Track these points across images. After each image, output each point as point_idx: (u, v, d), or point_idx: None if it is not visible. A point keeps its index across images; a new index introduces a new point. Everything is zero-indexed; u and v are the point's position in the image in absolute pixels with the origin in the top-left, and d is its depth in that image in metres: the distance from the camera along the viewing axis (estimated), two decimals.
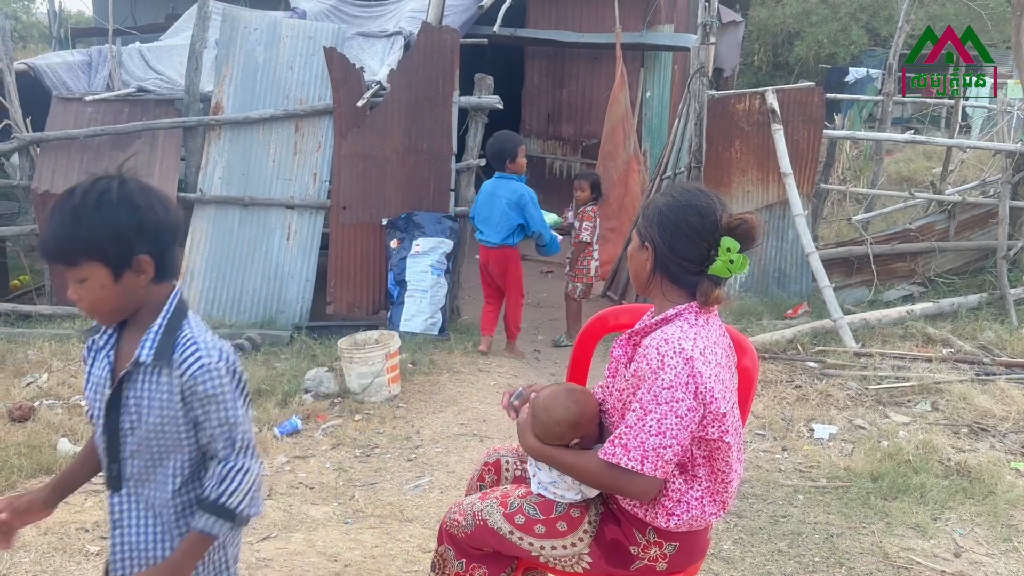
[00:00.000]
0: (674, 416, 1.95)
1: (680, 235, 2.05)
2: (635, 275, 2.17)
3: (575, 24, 9.67)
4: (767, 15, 19.85)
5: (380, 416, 4.72)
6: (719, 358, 2.05)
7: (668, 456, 1.97)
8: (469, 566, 2.31)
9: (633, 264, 2.16)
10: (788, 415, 4.76)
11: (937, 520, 3.58)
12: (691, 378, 1.95)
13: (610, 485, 2.08)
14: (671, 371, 1.95)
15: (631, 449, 1.97)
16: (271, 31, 6.35)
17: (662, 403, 1.95)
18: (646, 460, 1.96)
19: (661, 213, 2.08)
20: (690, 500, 2.09)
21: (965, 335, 6.02)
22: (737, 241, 2.01)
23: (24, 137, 6.32)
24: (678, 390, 1.94)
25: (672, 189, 2.17)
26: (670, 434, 1.95)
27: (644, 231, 2.11)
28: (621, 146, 8.52)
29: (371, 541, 3.35)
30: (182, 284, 6.13)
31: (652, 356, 1.98)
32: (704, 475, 2.09)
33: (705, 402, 1.97)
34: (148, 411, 1.73)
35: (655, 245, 2.07)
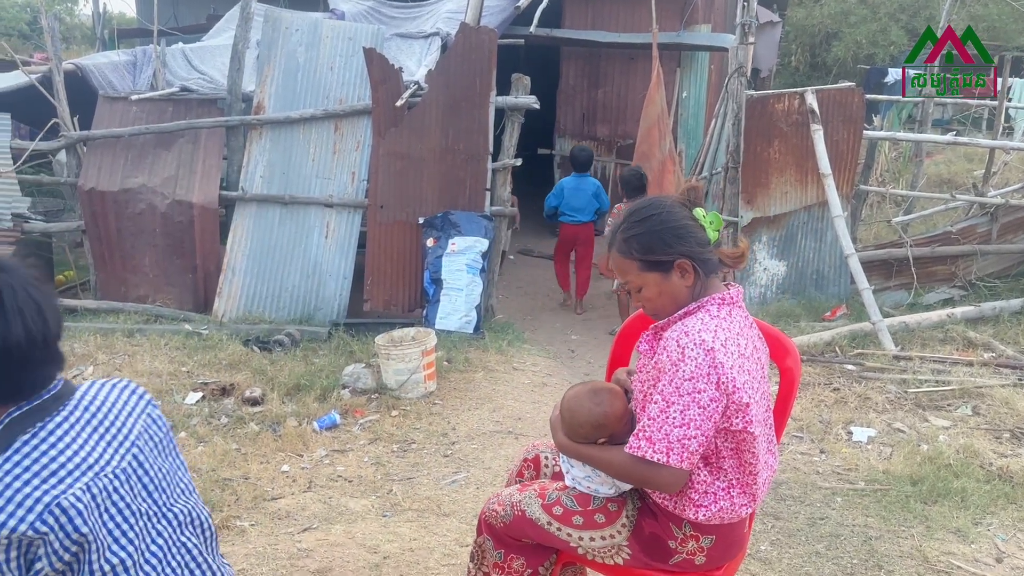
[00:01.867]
0: (697, 407, 1.95)
1: (690, 229, 2.09)
2: (673, 302, 2.10)
3: (611, 24, 9.66)
4: (805, 15, 19.65)
5: (416, 412, 4.77)
6: (743, 349, 2.04)
7: (693, 447, 1.97)
8: (507, 556, 2.34)
9: (664, 297, 2.10)
10: (826, 418, 4.72)
11: (978, 525, 3.54)
12: (712, 368, 1.94)
13: (637, 478, 2.09)
14: (692, 362, 1.95)
15: (656, 441, 1.98)
16: (312, 32, 6.44)
17: (684, 394, 1.95)
18: (671, 452, 1.97)
19: (669, 230, 2.07)
20: (717, 492, 2.09)
21: (1007, 339, 5.92)
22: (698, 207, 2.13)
23: (71, 135, 6.48)
24: (700, 380, 1.94)
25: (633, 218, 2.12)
26: (694, 425, 1.95)
27: (664, 255, 2.06)
28: (656, 146, 8.48)
29: (409, 534, 3.39)
30: (223, 280, 6.25)
31: (672, 348, 1.99)
32: (730, 467, 2.09)
33: (727, 392, 1.96)
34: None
35: (690, 256, 2.07)
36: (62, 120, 6.45)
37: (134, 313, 6.27)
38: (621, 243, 2.11)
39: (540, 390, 5.27)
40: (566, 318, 7.45)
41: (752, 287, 6.75)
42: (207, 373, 5.27)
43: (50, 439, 1.43)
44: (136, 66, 7.41)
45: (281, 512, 3.57)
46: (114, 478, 1.50)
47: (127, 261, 6.48)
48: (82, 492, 1.40)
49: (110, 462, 1.50)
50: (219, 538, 3.25)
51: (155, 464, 1.64)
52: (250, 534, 3.35)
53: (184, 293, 6.46)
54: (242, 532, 3.36)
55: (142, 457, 1.60)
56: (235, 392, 4.97)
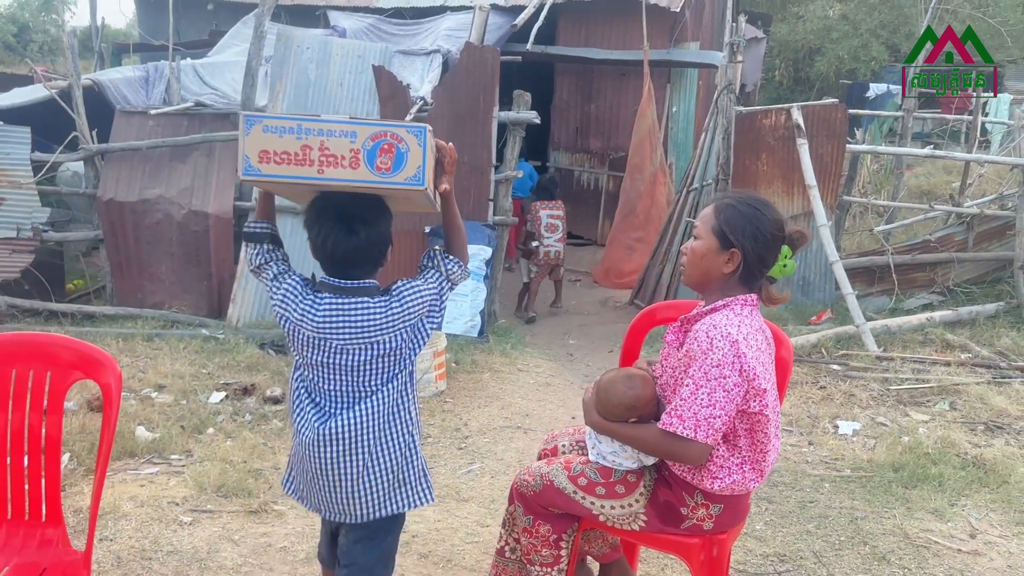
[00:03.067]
0: (722, 390, 2.26)
1: (767, 244, 2.35)
2: (703, 272, 2.39)
3: (604, 42, 10.02)
4: (788, 31, 20.15)
5: (430, 410, 5.06)
6: (759, 343, 2.37)
7: (717, 425, 2.28)
8: (535, 523, 2.62)
9: (704, 262, 2.38)
10: (814, 413, 5.05)
11: (954, 506, 3.86)
12: (736, 358, 2.26)
13: (666, 452, 2.39)
14: (719, 352, 2.26)
15: (686, 419, 2.29)
16: (322, 50, 6.75)
17: (712, 379, 2.26)
18: (699, 428, 2.27)
19: (750, 223, 2.34)
20: (731, 467, 2.40)
21: (983, 341, 6.28)
22: (792, 249, 2.36)
23: (90, 148, 6.74)
24: (725, 367, 2.26)
25: (744, 197, 2.41)
26: (719, 405, 2.26)
27: (733, 238, 2.33)
28: (648, 159, 8.84)
29: (433, 516, 3.68)
30: (237, 287, 6.51)
31: (702, 339, 2.30)
32: (745, 445, 2.41)
33: (749, 379, 2.28)
34: None
35: (744, 252, 2.36)
36: (81, 133, 6.70)
37: (151, 319, 6.52)
38: (723, 205, 2.39)
39: (544, 389, 5.57)
40: (564, 324, 7.76)
41: None
42: (227, 374, 5.53)
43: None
44: (149, 81, 7.67)
45: None
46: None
47: (144, 269, 6.74)
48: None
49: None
50: (259, 519, 3.53)
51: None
52: (287, 516, 3.62)
53: (199, 299, 6.72)
54: (280, 515, 3.63)
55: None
56: (256, 392, 5.24)
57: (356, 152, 2.06)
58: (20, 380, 2.41)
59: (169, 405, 5.00)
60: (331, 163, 2.07)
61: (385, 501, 2.29)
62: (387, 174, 2.07)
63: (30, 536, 2.39)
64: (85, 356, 2.40)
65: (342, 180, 2.07)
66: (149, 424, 4.69)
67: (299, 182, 2.09)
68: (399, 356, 2.24)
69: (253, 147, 2.07)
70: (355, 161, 2.06)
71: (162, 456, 4.30)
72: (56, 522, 2.44)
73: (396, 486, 2.30)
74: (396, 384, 2.25)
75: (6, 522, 2.41)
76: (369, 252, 2.24)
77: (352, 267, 2.23)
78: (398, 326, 2.22)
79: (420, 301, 2.27)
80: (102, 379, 2.36)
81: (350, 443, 2.20)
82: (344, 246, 2.19)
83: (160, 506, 3.67)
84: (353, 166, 2.06)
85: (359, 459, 2.22)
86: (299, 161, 2.06)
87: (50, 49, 26.78)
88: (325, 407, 2.24)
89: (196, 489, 3.84)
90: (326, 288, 2.24)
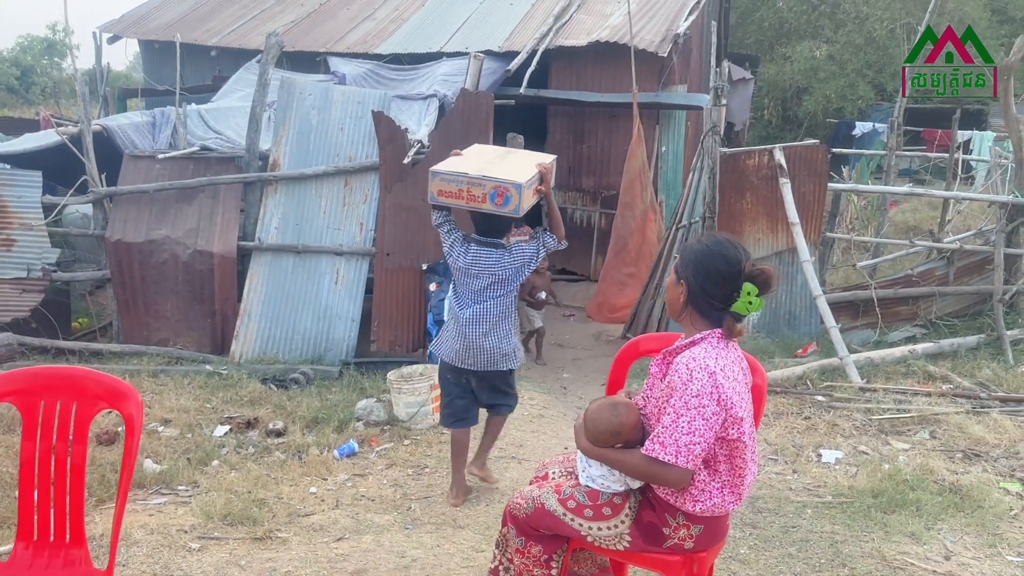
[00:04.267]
0: (701, 419, 2.46)
1: (710, 278, 2.56)
2: (670, 304, 2.71)
3: (594, 85, 10.34)
4: (776, 71, 20.63)
5: (427, 441, 5.23)
6: (736, 375, 2.57)
7: (697, 451, 2.47)
8: (527, 543, 2.80)
9: (669, 295, 2.71)
10: (798, 442, 5.23)
11: (931, 530, 4.03)
12: (714, 388, 2.46)
13: (650, 475, 2.58)
14: (698, 383, 2.46)
15: (667, 445, 2.48)
16: (324, 96, 7.03)
17: (691, 408, 2.46)
18: (679, 454, 2.47)
19: (696, 258, 2.60)
20: (712, 490, 2.59)
21: (964, 373, 6.47)
22: (756, 287, 2.54)
23: (99, 191, 6.98)
24: (704, 398, 2.46)
25: (706, 237, 2.68)
26: (698, 433, 2.46)
27: (681, 270, 2.63)
28: (639, 197, 9.09)
29: (431, 543, 3.84)
30: (240, 324, 6.70)
31: (683, 371, 2.50)
32: (724, 470, 2.60)
33: (726, 407, 2.48)
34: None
35: (688, 283, 2.60)
36: (91, 177, 6.94)
37: (157, 355, 6.70)
38: (687, 243, 2.73)
39: (538, 421, 5.74)
40: (559, 358, 7.94)
41: None
42: (231, 408, 5.70)
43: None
44: (156, 126, 7.95)
45: (315, 525, 4.01)
46: None
47: (150, 307, 6.94)
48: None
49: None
50: (264, 546, 3.69)
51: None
52: (291, 543, 3.78)
53: (203, 336, 6.92)
54: (284, 541, 3.79)
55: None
56: (259, 425, 5.41)
57: (485, 195, 3.93)
58: (48, 410, 2.60)
59: (175, 438, 5.17)
60: (472, 199, 3.97)
61: (500, 361, 4.20)
62: (500, 208, 3.95)
63: (55, 556, 2.56)
64: (109, 388, 2.60)
65: (478, 208, 3.99)
66: (156, 457, 4.86)
67: (457, 206, 4.04)
68: (507, 283, 4.14)
69: (435, 188, 4.03)
70: (484, 200, 3.94)
71: (169, 487, 4.47)
72: (79, 543, 2.61)
73: (504, 354, 4.19)
74: (504, 298, 4.16)
75: (33, 543, 2.58)
76: (494, 229, 4.14)
77: (487, 234, 4.14)
78: (508, 267, 4.11)
79: (522, 257, 4.13)
80: (125, 409, 2.55)
81: (476, 323, 4.12)
82: (483, 227, 4.14)
83: (169, 533, 3.83)
84: (483, 202, 3.96)
85: (482, 331, 4.12)
86: (457, 197, 4.00)
87: (53, 92, 27.22)
88: (465, 303, 4.18)
89: (203, 517, 4.00)
90: (474, 242, 4.14)
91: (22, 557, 2.56)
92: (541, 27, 10.56)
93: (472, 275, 4.12)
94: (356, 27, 11.59)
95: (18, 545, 2.58)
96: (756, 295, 2.50)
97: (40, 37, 29.51)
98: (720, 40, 15.88)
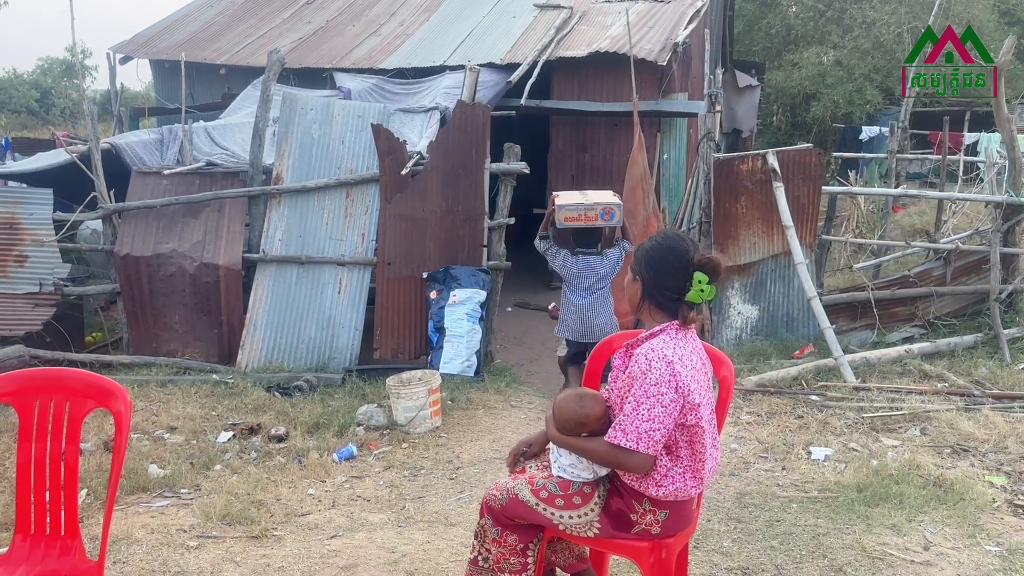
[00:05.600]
0: (660, 406, 2.57)
1: (662, 271, 2.70)
2: (629, 300, 2.84)
3: (596, 95, 10.48)
4: (784, 77, 20.67)
5: (424, 444, 5.36)
6: (695, 363, 2.68)
7: (657, 437, 2.58)
8: (503, 533, 2.91)
9: (628, 291, 2.83)
10: (789, 440, 5.30)
11: (912, 521, 4.09)
12: (672, 377, 2.58)
13: (613, 462, 2.69)
14: (656, 372, 2.58)
15: (628, 432, 2.59)
16: (325, 111, 7.21)
17: (651, 396, 2.58)
18: (640, 440, 2.58)
19: (647, 253, 2.74)
20: (674, 475, 2.69)
21: (960, 372, 6.51)
22: (706, 275, 2.66)
23: (108, 207, 7.18)
24: (662, 386, 2.57)
25: (656, 235, 2.84)
26: (658, 420, 2.57)
27: (635, 267, 2.78)
28: (641, 204, 9.19)
29: (422, 539, 3.96)
30: (246, 334, 6.87)
31: (642, 361, 2.62)
32: (685, 455, 2.70)
33: (684, 395, 2.59)
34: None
35: (643, 278, 2.74)
36: (100, 193, 7.15)
37: (165, 366, 6.88)
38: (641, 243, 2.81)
39: (536, 424, 5.84)
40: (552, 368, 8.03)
41: (728, 329, 7.38)
42: (235, 416, 5.86)
43: None
44: (163, 143, 8.16)
45: (311, 524, 4.14)
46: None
47: (158, 319, 7.13)
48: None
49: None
50: (260, 544, 3.82)
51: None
52: (286, 540, 3.91)
53: (210, 347, 7.09)
54: (279, 539, 3.92)
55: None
56: (262, 431, 5.56)
57: (596, 215, 5.71)
58: (43, 409, 2.75)
59: (180, 445, 5.33)
60: (589, 219, 5.71)
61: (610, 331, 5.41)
62: (608, 221, 5.74)
63: (51, 547, 2.70)
64: (97, 387, 2.74)
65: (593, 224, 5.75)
66: (161, 462, 5.02)
67: (577, 226, 5.74)
68: (605, 279, 5.83)
69: (561, 216, 5.74)
70: (596, 218, 5.73)
71: (172, 490, 4.62)
72: (73, 535, 2.75)
73: (612, 326, 5.76)
74: (605, 289, 5.84)
75: (30, 536, 2.73)
76: (589, 240, 5.86)
77: (587, 246, 5.85)
78: (604, 266, 5.81)
79: (612, 258, 5.85)
80: (113, 407, 2.70)
81: (589, 309, 5.80)
82: (584, 239, 5.85)
83: (169, 533, 3.97)
84: (595, 220, 5.74)
85: (594, 314, 5.79)
86: (577, 220, 5.73)
87: (71, 113, 27.79)
88: (580, 293, 5.82)
89: (203, 518, 4.14)
90: (580, 253, 5.82)
91: (20, 549, 2.70)
92: (543, 39, 10.73)
93: (584, 276, 5.80)
94: (361, 43, 11.82)
95: (16, 537, 2.73)
96: (707, 283, 2.63)
97: (60, 59, 30.15)
98: (722, 48, 16.01)
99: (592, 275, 5.79)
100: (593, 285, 5.81)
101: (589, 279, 5.80)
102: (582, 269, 5.80)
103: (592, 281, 5.80)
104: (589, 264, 5.80)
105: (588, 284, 5.80)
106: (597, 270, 5.79)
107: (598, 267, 5.80)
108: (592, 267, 5.80)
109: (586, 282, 5.80)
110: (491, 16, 12.08)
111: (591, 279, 5.79)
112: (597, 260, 5.81)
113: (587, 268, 5.80)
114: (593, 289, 5.81)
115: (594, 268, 5.79)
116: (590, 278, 5.79)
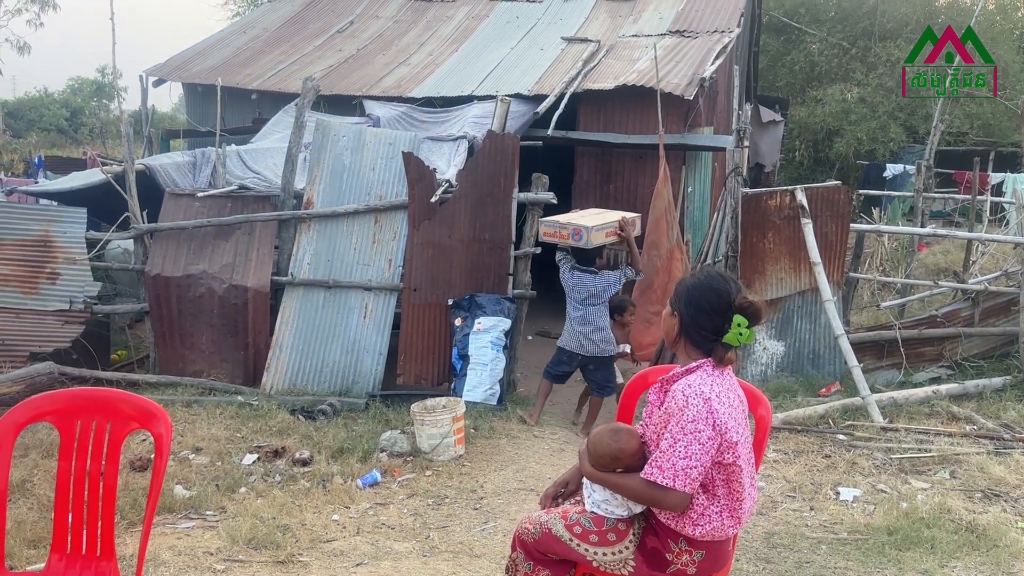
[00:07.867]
0: (697, 444, 2.56)
1: (701, 311, 2.70)
2: (666, 334, 2.85)
3: (621, 127, 10.52)
4: (807, 113, 20.71)
5: (448, 472, 5.34)
6: (732, 401, 2.68)
7: (694, 475, 2.57)
8: (535, 568, 2.90)
9: (664, 326, 2.84)
10: (817, 480, 5.24)
11: (944, 567, 4.03)
12: (709, 414, 2.57)
13: (649, 499, 2.68)
14: (693, 408, 2.57)
15: (665, 469, 2.58)
16: (357, 138, 7.30)
17: (688, 433, 2.57)
18: (677, 478, 2.57)
19: (688, 291, 2.75)
20: (711, 514, 2.68)
21: (989, 414, 6.42)
22: (747, 319, 2.66)
23: (140, 227, 7.28)
24: (700, 423, 2.57)
25: (699, 272, 2.84)
26: (695, 457, 2.56)
27: (675, 303, 2.78)
28: (664, 236, 9.19)
29: (447, 570, 3.94)
30: (271, 356, 6.90)
31: (679, 398, 2.62)
32: (722, 494, 2.69)
33: (721, 432, 2.58)
34: None
35: (681, 316, 2.74)
36: (133, 214, 7.25)
37: (190, 386, 6.91)
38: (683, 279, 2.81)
39: (559, 455, 5.82)
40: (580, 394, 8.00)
41: (754, 365, 7.34)
42: (259, 438, 5.87)
43: None
44: (196, 166, 8.28)
45: (336, 551, 4.13)
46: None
47: (186, 339, 7.18)
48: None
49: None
50: (286, 570, 3.82)
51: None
52: (312, 567, 3.91)
53: (236, 368, 7.13)
54: (305, 565, 3.92)
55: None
56: (286, 454, 5.57)
57: (567, 234, 6.09)
58: (84, 429, 2.77)
59: (205, 466, 5.34)
60: (563, 237, 6.19)
61: (602, 349, 6.31)
62: (577, 242, 6.06)
63: (87, 568, 2.72)
64: (141, 409, 2.77)
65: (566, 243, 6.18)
66: (187, 483, 5.03)
67: (554, 242, 6.28)
68: (597, 297, 6.22)
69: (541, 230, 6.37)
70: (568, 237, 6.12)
71: (198, 512, 4.63)
72: (108, 556, 2.76)
73: (605, 341, 6.30)
74: (600, 305, 6.24)
75: (66, 556, 2.75)
76: (587, 259, 6.28)
77: (582, 263, 6.26)
78: (596, 285, 6.21)
79: (609, 280, 6.25)
80: (155, 429, 2.72)
81: (584, 322, 6.24)
82: (581, 257, 6.27)
83: (196, 555, 3.98)
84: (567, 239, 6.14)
85: (589, 328, 6.24)
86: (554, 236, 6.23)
87: (100, 132, 28.25)
88: (573, 305, 6.28)
89: (229, 541, 4.14)
90: (576, 269, 6.25)
91: (56, 568, 2.72)
92: (570, 71, 10.80)
93: (577, 290, 6.27)
94: (391, 72, 11.96)
95: (52, 557, 2.75)
96: (747, 327, 2.62)
97: (90, 80, 30.73)
98: (747, 83, 16.07)
99: (583, 290, 6.23)
100: (585, 300, 6.25)
101: (581, 294, 6.25)
102: (575, 284, 6.27)
103: (583, 296, 6.25)
104: (582, 280, 6.25)
105: (580, 298, 6.26)
106: (588, 287, 6.22)
107: (590, 284, 6.22)
108: (584, 283, 6.23)
109: (578, 296, 6.27)
110: (519, 48, 12.20)
111: (582, 294, 6.24)
112: (590, 278, 6.24)
113: (580, 284, 6.25)
114: (585, 304, 6.25)
115: (586, 285, 6.23)
116: (582, 293, 6.25)
